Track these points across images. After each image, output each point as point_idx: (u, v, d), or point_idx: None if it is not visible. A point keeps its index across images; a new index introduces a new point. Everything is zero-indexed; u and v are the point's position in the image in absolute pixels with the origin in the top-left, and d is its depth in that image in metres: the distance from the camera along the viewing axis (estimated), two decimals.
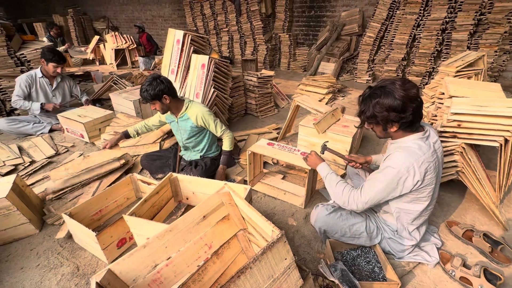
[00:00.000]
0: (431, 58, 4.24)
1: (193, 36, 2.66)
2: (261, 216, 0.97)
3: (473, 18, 3.75)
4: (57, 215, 1.80)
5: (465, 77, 2.46)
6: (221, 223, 1.09)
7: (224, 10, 6.25)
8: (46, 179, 2.19)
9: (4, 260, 1.53)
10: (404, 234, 1.36)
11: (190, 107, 1.96)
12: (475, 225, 1.68)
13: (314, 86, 3.91)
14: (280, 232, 0.86)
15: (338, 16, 5.22)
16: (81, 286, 1.38)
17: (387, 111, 1.12)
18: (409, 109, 1.11)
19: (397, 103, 1.10)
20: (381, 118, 1.16)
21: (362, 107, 1.21)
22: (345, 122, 2.40)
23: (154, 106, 1.85)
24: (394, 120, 1.14)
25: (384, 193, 1.20)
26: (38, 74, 2.90)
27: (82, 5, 10.65)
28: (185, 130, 2.02)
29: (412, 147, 1.15)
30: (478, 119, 1.60)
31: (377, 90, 1.16)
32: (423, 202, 1.24)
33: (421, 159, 1.13)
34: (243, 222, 1.11)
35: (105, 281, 0.82)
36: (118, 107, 3.30)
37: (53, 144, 2.75)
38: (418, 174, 1.13)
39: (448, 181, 1.85)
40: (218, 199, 1.09)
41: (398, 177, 1.15)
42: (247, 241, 1.15)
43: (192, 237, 1.02)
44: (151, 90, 1.76)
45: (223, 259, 1.08)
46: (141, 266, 0.92)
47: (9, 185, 1.58)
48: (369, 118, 1.20)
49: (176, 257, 0.97)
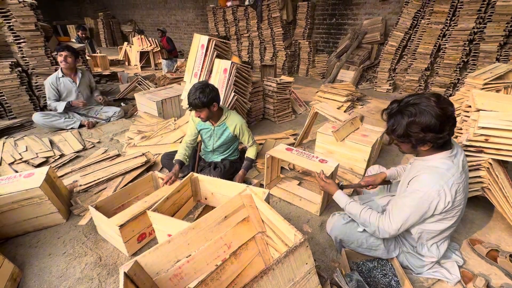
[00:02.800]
0: (456, 69, 4.10)
1: (217, 42, 2.74)
2: (284, 220, 0.99)
3: (504, 29, 3.61)
4: (82, 206, 1.90)
5: (494, 90, 2.37)
6: (241, 224, 1.12)
7: (245, 16, 6.38)
8: (74, 172, 2.32)
9: (34, 245, 1.64)
10: (423, 251, 1.32)
11: (229, 116, 2.03)
12: (501, 245, 1.61)
13: (332, 94, 3.89)
14: (303, 237, 0.88)
15: (360, 24, 5.18)
16: (102, 275, 1.45)
17: (423, 131, 1.03)
18: (446, 129, 1.03)
19: (435, 122, 1.01)
20: (415, 138, 1.07)
21: (393, 124, 1.10)
22: (364, 131, 2.37)
23: (200, 113, 1.83)
24: (430, 140, 1.06)
25: (415, 218, 1.15)
26: (59, 74, 3.06)
27: (112, 9, 11.25)
28: (220, 137, 2.08)
29: (441, 167, 1.09)
30: (508, 135, 1.54)
31: (410, 107, 1.06)
32: (448, 221, 1.20)
33: (451, 181, 1.07)
34: (262, 225, 1.13)
35: (132, 272, 0.87)
36: (141, 107, 3.45)
37: (81, 139, 2.91)
38: (449, 196, 1.08)
39: (472, 197, 1.79)
40: (239, 200, 1.12)
41: (429, 201, 1.09)
42: (265, 244, 1.17)
43: (213, 236, 1.05)
44: (204, 98, 1.74)
45: (240, 260, 1.10)
46: (165, 261, 0.96)
47: (43, 176, 1.69)
48: (400, 137, 1.10)
49: (197, 254, 1.01)
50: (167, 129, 2.86)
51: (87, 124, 3.18)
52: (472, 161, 1.70)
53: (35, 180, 1.66)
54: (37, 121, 3.05)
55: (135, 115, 3.56)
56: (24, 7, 3.24)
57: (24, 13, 3.24)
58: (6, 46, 3.44)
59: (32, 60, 3.40)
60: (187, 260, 0.98)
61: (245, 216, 1.12)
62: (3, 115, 3.37)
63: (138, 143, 2.68)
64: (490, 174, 1.64)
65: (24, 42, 3.30)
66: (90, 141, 2.89)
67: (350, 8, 5.22)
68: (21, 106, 3.41)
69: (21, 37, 3.29)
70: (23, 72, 3.37)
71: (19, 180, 1.66)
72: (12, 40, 3.26)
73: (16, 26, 3.23)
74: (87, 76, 3.31)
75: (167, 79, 4.49)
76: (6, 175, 1.73)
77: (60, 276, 1.44)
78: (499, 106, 1.78)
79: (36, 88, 3.53)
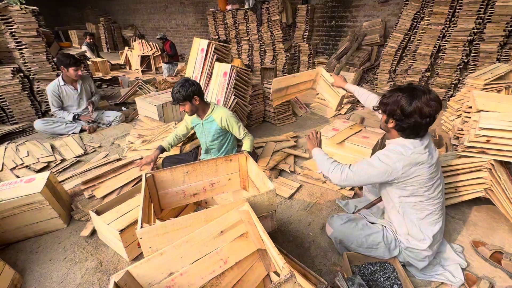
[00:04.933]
0: (457, 69, 4.09)
1: (216, 45, 2.75)
2: (274, 247, 0.96)
3: (504, 29, 3.60)
4: (83, 211, 1.90)
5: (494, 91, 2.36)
6: (238, 240, 1.10)
7: (245, 20, 6.41)
8: (75, 176, 2.32)
9: (35, 251, 1.64)
10: (414, 232, 1.32)
11: (215, 110, 2.06)
12: (505, 247, 1.59)
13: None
14: (289, 272, 0.82)
15: (360, 26, 5.19)
16: (103, 281, 1.44)
17: (396, 107, 1.21)
18: (411, 119, 1.18)
19: (409, 108, 1.17)
20: (389, 108, 1.25)
21: (388, 92, 1.30)
22: (365, 133, 2.36)
23: (184, 107, 1.93)
24: (395, 117, 1.23)
25: (371, 177, 1.28)
26: (61, 82, 3.06)
27: (113, 14, 11.35)
28: (209, 132, 2.09)
29: (406, 144, 1.24)
30: (510, 135, 1.53)
31: (408, 88, 1.23)
32: (423, 193, 1.27)
33: (410, 151, 1.20)
34: (261, 242, 1.10)
35: (122, 282, 0.86)
36: (142, 110, 3.46)
37: (82, 144, 2.92)
38: (401, 167, 1.20)
39: (475, 198, 1.77)
40: (237, 216, 1.11)
41: (386, 167, 1.22)
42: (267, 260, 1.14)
43: (208, 251, 1.04)
44: (184, 91, 1.85)
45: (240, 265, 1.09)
46: (157, 272, 0.95)
47: (44, 181, 1.70)
48: (382, 104, 1.31)
49: (191, 268, 0.99)
50: (168, 133, 2.86)
51: (88, 129, 3.19)
52: (474, 162, 1.68)
53: (36, 185, 1.66)
54: (38, 128, 3.07)
55: (136, 119, 3.57)
56: (26, 13, 3.27)
57: (26, 19, 3.27)
58: (8, 52, 3.47)
59: (34, 66, 3.42)
60: (180, 273, 0.97)
61: (243, 232, 1.11)
62: (4, 121, 3.39)
63: (139, 147, 2.68)
64: (492, 175, 1.63)
65: (25, 48, 3.33)
66: (91, 145, 2.90)
67: (350, 10, 5.24)
68: (22, 111, 3.43)
69: (23, 43, 3.31)
70: (24, 77, 3.40)
71: (20, 186, 1.67)
72: (14, 46, 3.29)
73: (18, 32, 3.26)
74: (87, 82, 3.33)
75: (168, 83, 4.51)
76: (7, 181, 1.74)
77: (60, 282, 1.44)
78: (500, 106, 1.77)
79: (38, 93, 3.55)
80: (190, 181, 1.53)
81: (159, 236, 1.09)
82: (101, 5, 11.93)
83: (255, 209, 1.19)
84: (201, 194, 1.59)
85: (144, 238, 1.06)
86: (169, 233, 1.09)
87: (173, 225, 1.09)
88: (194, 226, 1.12)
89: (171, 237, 1.09)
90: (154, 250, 1.07)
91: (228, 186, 1.66)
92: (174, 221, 1.09)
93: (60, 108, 3.13)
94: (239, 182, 1.68)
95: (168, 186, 1.49)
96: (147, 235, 1.07)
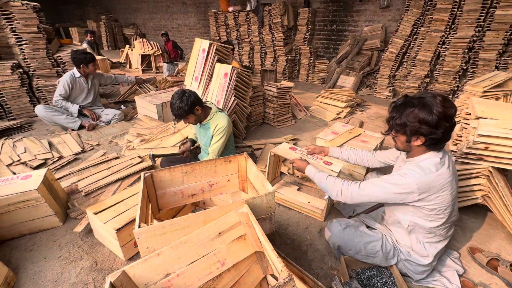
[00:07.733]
0: (456, 76, 4.13)
1: (218, 46, 2.75)
2: (273, 250, 0.95)
3: (503, 37, 3.64)
4: (80, 209, 1.88)
5: (493, 98, 2.38)
6: (236, 241, 1.09)
7: (247, 22, 6.42)
8: (72, 174, 2.30)
9: (29, 249, 1.62)
10: (418, 248, 1.30)
11: (214, 117, 2.01)
12: (501, 254, 1.59)
13: (332, 99, 3.90)
14: (288, 276, 0.82)
15: (360, 30, 5.22)
16: (98, 280, 1.43)
17: (419, 122, 1.09)
18: (441, 127, 1.08)
19: (433, 118, 1.07)
20: (410, 128, 1.12)
21: (394, 113, 1.17)
22: (364, 137, 2.37)
23: (188, 120, 1.89)
24: (424, 133, 1.11)
25: (383, 197, 1.23)
26: (77, 74, 3.14)
27: (114, 12, 11.34)
28: (204, 136, 2.09)
29: (427, 165, 1.14)
30: (508, 143, 1.54)
31: (415, 99, 1.12)
32: (439, 220, 1.22)
33: (432, 178, 1.12)
34: (260, 244, 1.09)
35: (118, 282, 0.85)
36: (142, 110, 3.45)
37: (80, 141, 2.90)
38: (418, 193, 1.14)
39: (472, 205, 1.78)
40: (235, 217, 1.10)
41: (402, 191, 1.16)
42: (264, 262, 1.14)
43: (206, 252, 1.03)
44: (185, 106, 1.78)
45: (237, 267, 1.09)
46: (153, 273, 0.94)
47: (41, 178, 1.68)
48: (398, 126, 1.16)
49: (188, 269, 0.99)
50: (167, 133, 2.85)
51: (87, 126, 3.17)
52: (472, 169, 1.69)
53: (32, 182, 1.65)
54: (39, 112, 3.08)
55: (135, 118, 3.56)
56: (27, 9, 3.26)
57: (26, 15, 3.26)
58: (8, 47, 3.45)
59: (34, 62, 3.41)
60: (177, 274, 0.96)
61: (242, 234, 1.10)
62: (2, 116, 3.37)
63: (137, 146, 2.67)
64: (490, 182, 1.63)
65: (26, 44, 3.32)
66: (89, 143, 2.88)
67: (351, 15, 5.27)
68: (21, 107, 3.41)
69: (23, 39, 3.30)
70: (24, 73, 3.38)
71: (16, 182, 1.65)
72: (14, 41, 3.27)
73: (19, 28, 3.25)
74: (97, 78, 3.41)
75: (168, 82, 4.50)
76: (3, 177, 1.72)
77: (55, 281, 1.42)
78: (499, 114, 1.78)
79: (37, 89, 3.53)
80: (189, 182, 1.52)
81: (157, 236, 1.08)
82: (102, 3, 11.92)
83: (254, 211, 1.19)
84: (200, 194, 1.58)
85: (142, 238, 1.05)
86: (167, 234, 1.09)
87: (171, 225, 1.08)
88: (192, 227, 1.11)
89: (168, 238, 1.09)
90: (152, 250, 1.06)
91: (227, 187, 1.65)
92: (172, 221, 1.08)
93: (64, 98, 3.15)
94: (238, 184, 1.67)
95: (167, 186, 1.48)
96: (145, 235, 1.06)
